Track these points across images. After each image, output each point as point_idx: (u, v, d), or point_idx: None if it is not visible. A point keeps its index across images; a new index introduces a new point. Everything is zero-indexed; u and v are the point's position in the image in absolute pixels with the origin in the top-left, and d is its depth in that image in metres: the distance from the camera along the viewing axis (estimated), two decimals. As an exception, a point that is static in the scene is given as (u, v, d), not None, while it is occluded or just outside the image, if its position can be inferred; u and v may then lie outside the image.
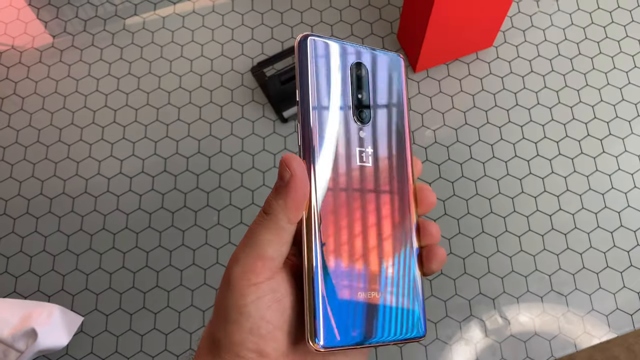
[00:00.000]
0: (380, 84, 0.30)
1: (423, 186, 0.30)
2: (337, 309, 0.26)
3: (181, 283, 0.63)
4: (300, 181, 0.26)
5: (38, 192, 0.67)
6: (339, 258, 0.27)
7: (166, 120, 0.70)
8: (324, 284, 0.26)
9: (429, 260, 0.29)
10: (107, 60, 0.73)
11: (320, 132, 0.27)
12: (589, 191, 0.67)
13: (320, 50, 0.28)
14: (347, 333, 0.26)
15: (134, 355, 0.61)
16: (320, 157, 0.27)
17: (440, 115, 0.70)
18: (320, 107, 0.28)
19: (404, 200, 0.29)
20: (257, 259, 0.25)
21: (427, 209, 0.30)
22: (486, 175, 0.67)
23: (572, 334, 0.61)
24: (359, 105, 0.29)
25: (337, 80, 0.28)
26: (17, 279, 0.63)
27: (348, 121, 0.28)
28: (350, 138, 0.28)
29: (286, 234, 0.26)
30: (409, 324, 0.28)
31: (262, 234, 0.26)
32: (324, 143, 0.27)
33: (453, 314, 0.62)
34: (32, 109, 0.71)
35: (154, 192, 0.67)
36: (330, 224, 0.27)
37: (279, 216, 0.26)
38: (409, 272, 0.29)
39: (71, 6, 0.76)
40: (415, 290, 0.29)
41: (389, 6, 0.76)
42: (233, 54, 0.73)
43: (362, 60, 0.29)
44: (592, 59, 0.73)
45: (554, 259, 0.64)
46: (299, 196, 0.26)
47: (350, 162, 0.28)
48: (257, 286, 0.25)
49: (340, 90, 0.28)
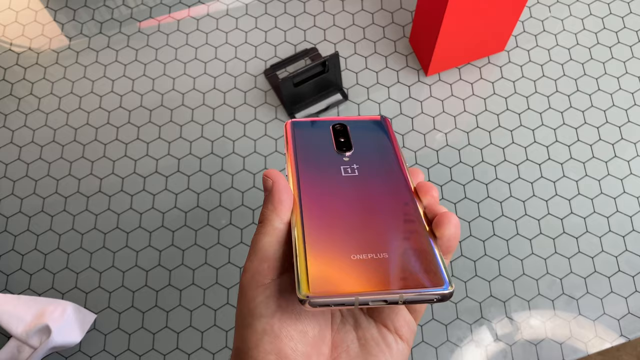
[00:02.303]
0: (361, 130, 0.34)
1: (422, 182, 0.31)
2: (325, 267, 0.25)
3: (193, 282, 0.63)
4: (280, 184, 0.29)
5: (53, 191, 0.68)
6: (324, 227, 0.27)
7: (180, 121, 0.71)
8: (310, 246, 0.26)
9: (441, 224, 0.27)
10: (122, 61, 0.74)
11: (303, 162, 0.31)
12: (601, 195, 0.67)
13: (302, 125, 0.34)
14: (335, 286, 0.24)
15: (145, 353, 0.61)
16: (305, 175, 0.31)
17: (451, 118, 0.70)
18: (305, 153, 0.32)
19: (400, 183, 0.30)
20: (262, 262, 0.27)
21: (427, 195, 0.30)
22: (497, 178, 0.67)
23: (584, 337, 0.61)
24: (339, 143, 0.32)
25: (320, 137, 0.33)
26: (31, 276, 0.64)
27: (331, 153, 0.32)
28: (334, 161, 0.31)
29: (282, 233, 0.28)
30: (421, 278, 0.25)
31: (262, 239, 0.28)
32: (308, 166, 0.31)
33: (464, 316, 0.62)
34: (48, 109, 0.72)
35: (167, 192, 0.67)
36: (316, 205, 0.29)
37: (271, 218, 0.28)
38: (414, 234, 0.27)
39: (87, 9, 0.78)
40: (425, 252, 0.26)
41: (401, 10, 0.76)
42: (246, 57, 0.74)
43: (341, 122, 0.34)
44: (604, 63, 0.73)
45: (565, 262, 0.64)
46: (283, 196, 0.28)
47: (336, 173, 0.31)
48: (265, 287, 0.26)
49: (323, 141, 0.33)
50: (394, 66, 0.73)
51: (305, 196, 0.29)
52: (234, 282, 0.63)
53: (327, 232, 0.27)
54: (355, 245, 0.27)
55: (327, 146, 0.32)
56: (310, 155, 0.32)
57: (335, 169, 0.31)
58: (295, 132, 0.33)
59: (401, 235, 0.27)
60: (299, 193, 0.29)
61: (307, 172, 0.31)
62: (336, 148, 0.32)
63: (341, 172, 0.31)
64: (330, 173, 0.31)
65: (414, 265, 0.26)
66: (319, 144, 0.32)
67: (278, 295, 0.26)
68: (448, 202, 0.66)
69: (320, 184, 0.30)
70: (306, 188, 0.30)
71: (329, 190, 0.30)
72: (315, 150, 0.32)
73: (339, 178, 0.30)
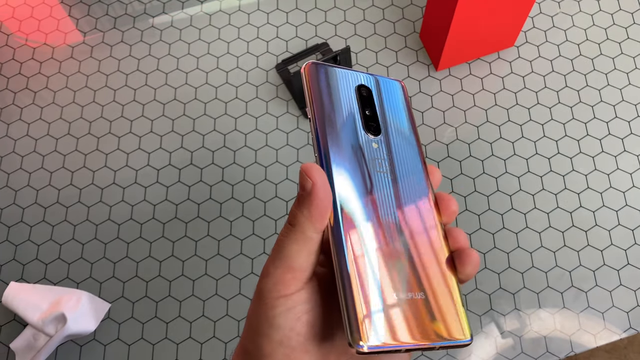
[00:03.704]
0: (384, 102, 0.31)
1: (444, 195, 0.30)
2: (376, 311, 0.25)
3: (206, 272, 0.64)
4: (321, 189, 0.26)
5: (68, 183, 0.69)
6: (370, 261, 0.26)
7: (193, 114, 0.72)
8: (360, 286, 0.25)
9: (462, 263, 0.27)
10: (136, 56, 0.75)
11: (334, 143, 0.28)
12: (610, 189, 0.67)
13: (326, 74, 0.30)
14: (387, 335, 0.25)
15: (159, 342, 0.62)
16: (337, 166, 0.28)
17: (462, 112, 0.71)
18: (330, 123, 0.29)
19: (426, 205, 0.29)
20: (287, 271, 0.25)
21: (450, 218, 0.29)
22: (507, 172, 0.68)
23: (593, 329, 0.61)
24: (367, 120, 0.30)
25: (344, 99, 0.30)
26: (47, 265, 0.65)
27: (360, 134, 0.29)
28: (364, 148, 0.29)
29: (313, 244, 0.26)
30: (451, 328, 0.26)
31: (290, 245, 0.26)
32: (339, 153, 0.28)
33: (473, 308, 0.63)
34: (63, 103, 0.73)
35: (180, 184, 0.68)
36: (356, 229, 0.26)
37: (304, 226, 0.26)
38: (443, 276, 0.27)
39: (101, 4, 0.79)
40: (452, 295, 0.27)
41: (412, 6, 0.77)
42: (258, 52, 0.75)
43: (365, 83, 0.31)
44: (614, 59, 0.74)
45: (574, 255, 0.64)
46: (323, 205, 0.26)
47: (368, 170, 0.28)
48: (286, 297, 0.25)
49: (348, 107, 0.30)
50: (404, 61, 0.74)
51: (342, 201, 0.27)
52: (245, 273, 0.64)
53: (372, 261, 0.26)
54: (397, 280, 0.26)
55: (353, 119, 0.29)
56: (336, 132, 0.28)
57: (368, 160, 0.28)
58: (315, 85, 0.29)
59: (433, 271, 0.27)
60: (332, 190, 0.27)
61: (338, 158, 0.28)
62: (364, 125, 0.30)
63: (375, 167, 0.28)
64: (364, 166, 0.28)
65: (446, 310, 0.26)
66: (344, 113, 0.29)
67: (300, 309, 0.25)
68: (458, 195, 0.67)
69: (355, 181, 0.27)
70: (341, 186, 0.27)
71: (365, 196, 0.27)
72: (341, 125, 0.29)
73: (372, 177, 0.28)
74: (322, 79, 0.30)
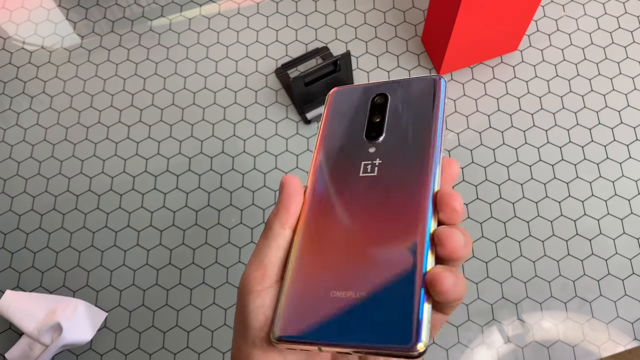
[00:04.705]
0: (403, 107, 0.29)
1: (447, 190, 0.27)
2: (302, 305, 0.24)
3: (204, 281, 0.63)
4: (289, 187, 0.27)
5: (65, 189, 0.68)
6: (316, 258, 0.26)
7: (191, 120, 0.71)
8: (294, 280, 0.25)
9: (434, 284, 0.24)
10: (133, 60, 0.74)
11: (326, 153, 0.29)
12: (615, 197, 0.66)
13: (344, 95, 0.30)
14: (306, 329, 0.24)
15: (156, 352, 0.61)
16: (319, 173, 0.28)
17: (464, 118, 0.70)
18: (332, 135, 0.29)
19: (414, 208, 0.26)
20: (258, 267, 0.26)
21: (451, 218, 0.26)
22: (510, 179, 0.67)
23: (597, 340, 0.60)
24: (371, 127, 0.29)
25: (357, 113, 0.30)
26: (43, 273, 0.65)
27: (358, 141, 0.29)
28: (356, 154, 0.28)
29: (281, 239, 0.26)
30: (393, 334, 0.23)
31: (260, 242, 0.26)
32: (328, 160, 0.28)
33: (475, 318, 0.62)
34: (60, 108, 0.72)
35: (178, 190, 0.67)
36: (315, 227, 0.26)
37: (271, 223, 0.27)
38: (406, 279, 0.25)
39: (100, 7, 0.78)
40: (410, 300, 0.24)
41: (414, 9, 0.76)
42: (257, 56, 0.74)
43: (385, 91, 0.30)
44: (619, 63, 0.72)
45: (578, 264, 0.63)
46: (287, 201, 0.27)
47: (352, 174, 0.28)
48: (257, 294, 0.25)
49: (357, 120, 0.30)
50: (406, 65, 0.73)
51: (311, 204, 0.27)
52: (244, 281, 0.63)
53: (316, 257, 0.26)
54: (339, 278, 0.25)
55: (357, 129, 0.29)
56: (334, 142, 0.29)
57: (355, 164, 0.28)
58: (332, 107, 0.30)
59: (392, 275, 0.25)
60: (308, 194, 0.28)
61: (324, 167, 0.29)
62: (366, 132, 0.29)
63: (359, 171, 0.28)
64: (348, 170, 0.28)
65: (391, 314, 0.24)
66: (350, 125, 0.30)
67: (269, 305, 0.25)
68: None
69: (333, 186, 0.28)
70: (316, 191, 0.28)
71: (338, 198, 0.27)
72: (343, 134, 0.29)
73: (354, 180, 0.28)
74: (342, 100, 0.30)
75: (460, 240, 0.24)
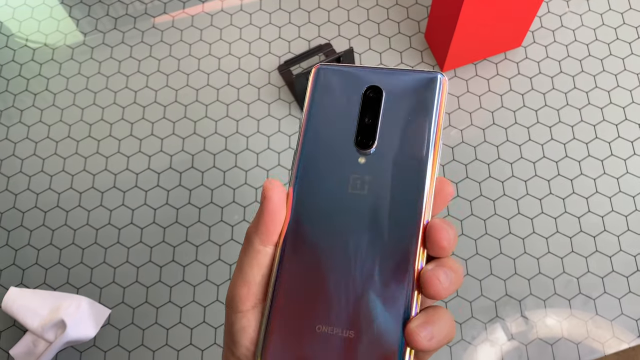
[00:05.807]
0: (398, 109, 0.26)
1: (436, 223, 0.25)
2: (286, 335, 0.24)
3: (207, 278, 0.64)
4: (272, 205, 0.25)
5: (68, 186, 0.68)
6: (300, 283, 0.25)
7: (194, 117, 0.71)
8: (279, 304, 0.24)
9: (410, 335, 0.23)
10: (136, 57, 0.74)
11: (310, 159, 0.26)
12: (619, 193, 0.66)
13: (331, 78, 0.27)
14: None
15: (159, 349, 0.61)
16: (304, 183, 0.26)
17: (467, 115, 0.70)
18: (317, 134, 0.26)
19: (402, 234, 0.25)
20: (242, 285, 0.25)
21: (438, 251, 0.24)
22: (514, 175, 0.67)
23: (601, 338, 0.60)
24: (363, 131, 0.26)
25: (345, 107, 0.26)
26: (47, 270, 0.65)
27: (346, 147, 0.26)
28: (345, 165, 0.26)
29: (262, 257, 0.25)
30: None
31: (242, 259, 0.26)
32: (312, 171, 0.26)
33: (478, 315, 0.61)
34: (63, 105, 0.72)
35: (182, 188, 0.67)
36: (299, 252, 0.25)
37: (251, 238, 0.25)
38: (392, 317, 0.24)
39: (102, 4, 0.78)
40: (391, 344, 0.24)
41: (417, 5, 0.76)
42: (260, 53, 0.74)
43: (379, 84, 0.26)
44: (624, 59, 0.72)
45: (582, 261, 0.63)
46: (270, 219, 0.25)
47: (340, 191, 0.26)
48: (242, 314, 0.25)
49: (346, 117, 0.26)
50: (409, 62, 0.72)
51: (295, 220, 0.25)
52: (247, 278, 0.63)
53: (300, 286, 0.25)
54: (325, 312, 0.24)
55: (346, 130, 0.26)
56: (320, 140, 0.26)
57: (344, 177, 0.26)
58: (317, 91, 0.27)
59: (378, 316, 0.24)
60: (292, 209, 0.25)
61: (309, 173, 0.26)
62: (356, 137, 0.26)
63: (348, 186, 0.25)
64: (336, 182, 0.26)
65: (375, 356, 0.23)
66: (338, 123, 0.26)
67: (255, 327, 0.25)
68: (464, 199, 0.66)
69: (319, 200, 0.25)
70: (301, 205, 0.26)
71: (324, 217, 0.25)
72: (330, 134, 0.26)
73: (343, 196, 0.25)
74: (328, 84, 0.27)
75: (444, 283, 0.24)
